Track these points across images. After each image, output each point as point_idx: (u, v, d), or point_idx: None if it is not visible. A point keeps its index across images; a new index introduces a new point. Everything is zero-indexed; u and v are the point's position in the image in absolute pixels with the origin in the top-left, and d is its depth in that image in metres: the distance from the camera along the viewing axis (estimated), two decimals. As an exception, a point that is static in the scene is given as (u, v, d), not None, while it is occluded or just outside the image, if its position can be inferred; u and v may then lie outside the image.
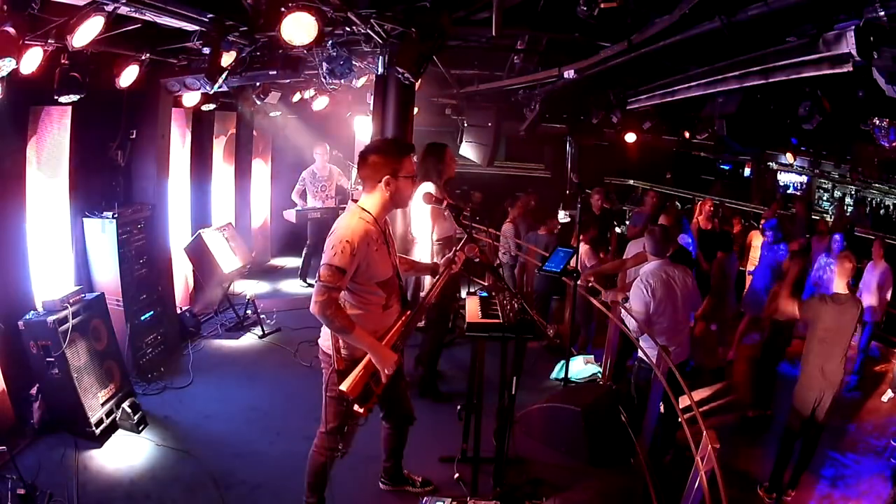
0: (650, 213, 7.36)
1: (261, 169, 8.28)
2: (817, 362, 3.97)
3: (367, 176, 2.77)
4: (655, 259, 4.15)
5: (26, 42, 3.02)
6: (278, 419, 4.30)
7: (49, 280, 4.26)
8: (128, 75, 4.12)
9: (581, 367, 5.35)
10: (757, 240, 7.23)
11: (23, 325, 3.74)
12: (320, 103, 7.31)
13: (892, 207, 11.99)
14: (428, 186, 4.23)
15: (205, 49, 3.88)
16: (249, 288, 6.55)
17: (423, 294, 2.98)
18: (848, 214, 11.04)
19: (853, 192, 12.49)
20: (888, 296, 6.20)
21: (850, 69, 3.02)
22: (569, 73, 4.89)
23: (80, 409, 3.81)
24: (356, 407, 2.68)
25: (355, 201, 2.82)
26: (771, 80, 3.81)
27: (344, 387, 2.65)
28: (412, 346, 4.38)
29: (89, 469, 3.57)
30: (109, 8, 2.98)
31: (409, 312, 2.94)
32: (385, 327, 2.84)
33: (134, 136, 4.92)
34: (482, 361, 3.44)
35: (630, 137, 8.59)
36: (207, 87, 4.51)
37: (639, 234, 5.76)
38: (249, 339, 5.86)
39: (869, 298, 6.03)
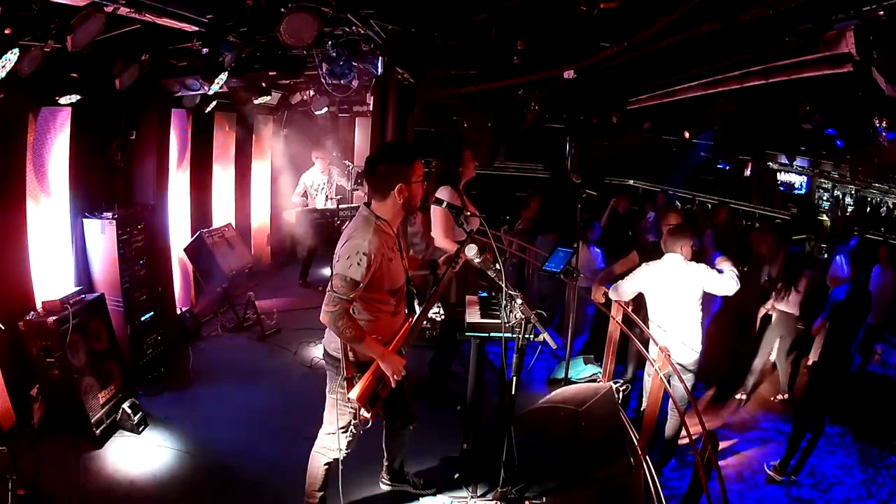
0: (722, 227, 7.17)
1: (261, 169, 8.27)
2: None
3: (378, 185, 2.71)
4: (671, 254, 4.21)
5: (26, 42, 3.02)
6: (278, 420, 4.30)
7: (49, 280, 4.26)
8: (127, 76, 4.12)
9: (581, 367, 5.34)
10: None
11: (23, 326, 3.74)
12: (320, 104, 7.30)
13: (892, 207, 11.95)
14: (442, 190, 4.23)
15: (204, 50, 3.88)
16: (249, 288, 6.54)
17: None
18: (847, 214, 11.03)
19: (853, 192, 12.47)
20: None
21: (850, 69, 3.02)
22: (569, 74, 4.88)
23: (81, 409, 3.81)
24: (363, 412, 2.69)
25: (367, 205, 2.78)
26: (771, 81, 3.82)
27: (353, 394, 2.66)
28: (414, 346, 4.39)
29: (89, 470, 3.57)
30: (109, 8, 2.97)
31: (414, 315, 2.93)
32: (392, 332, 2.84)
33: (134, 137, 4.92)
34: (482, 362, 3.44)
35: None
36: (207, 88, 4.51)
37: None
38: (249, 340, 5.86)
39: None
